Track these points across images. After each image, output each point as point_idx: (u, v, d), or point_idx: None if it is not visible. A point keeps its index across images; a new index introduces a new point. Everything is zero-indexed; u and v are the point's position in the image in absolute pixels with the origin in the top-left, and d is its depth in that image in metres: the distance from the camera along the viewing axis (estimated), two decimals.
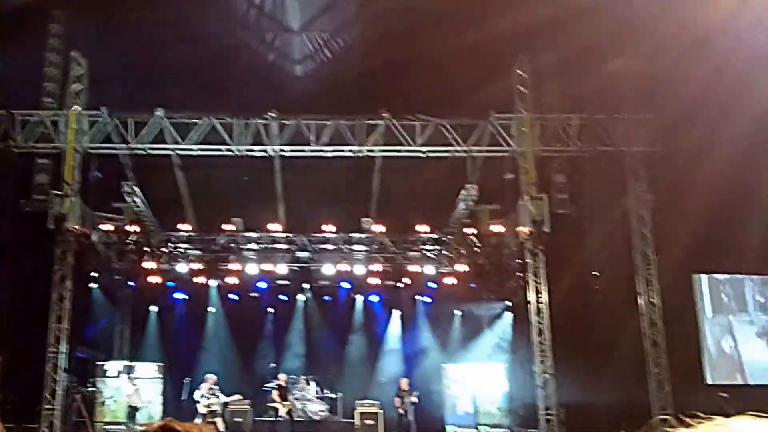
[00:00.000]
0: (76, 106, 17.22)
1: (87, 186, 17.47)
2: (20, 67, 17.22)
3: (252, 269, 22.30)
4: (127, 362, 20.69)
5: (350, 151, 18.18)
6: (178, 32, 17.65)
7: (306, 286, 24.08)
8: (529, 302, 17.83)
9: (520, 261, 18.97)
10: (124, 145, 17.57)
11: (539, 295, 17.63)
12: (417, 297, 24.58)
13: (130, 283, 22.92)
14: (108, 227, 19.74)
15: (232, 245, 22.35)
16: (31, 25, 16.82)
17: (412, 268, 23.01)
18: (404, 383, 20.24)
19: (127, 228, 20.03)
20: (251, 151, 18.21)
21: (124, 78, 17.84)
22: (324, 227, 22.14)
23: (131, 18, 17.01)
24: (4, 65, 16.33)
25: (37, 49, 17.15)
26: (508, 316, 23.19)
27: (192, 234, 21.86)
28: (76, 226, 16.91)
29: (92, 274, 21.10)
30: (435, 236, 22.65)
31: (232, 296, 23.86)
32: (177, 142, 17.84)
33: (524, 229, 17.62)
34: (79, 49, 17.21)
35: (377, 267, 22.82)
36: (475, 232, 21.14)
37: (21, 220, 16.65)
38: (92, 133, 17.47)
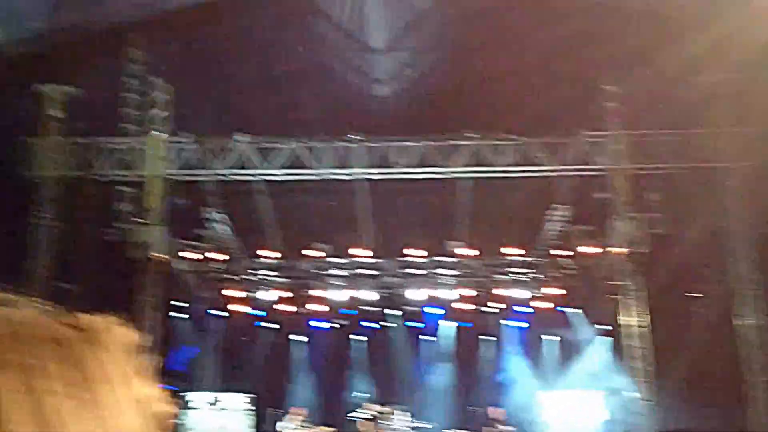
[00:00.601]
0: (158, 133, 17.11)
1: (170, 213, 17.30)
2: (101, 95, 17.21)
3: (338, 296, 21.94)
4: (212, 393, 20.39)
5: (436, 172, 17.73)
6: (260, 56, 17.37)
7: (394, 312, 23.48)
8: (625, 326, 16.87)
9: (616, 283, 17.99)
10: (206, 171, 17.36)
11: (639, 319, 16.69)
12: (507, 322, 23.69)
13: (214, 311, 22.69)
14: (191, 255, 19.59)
15: (318, 271, 21.92)
16: (112, 52, 16.78)
17: (502, 291, 22.27)
18: (495, 412, 19.34)
19: (211, 255, 19.85)
20: (335, 174, 17.87)
21: (207, 103, 17.67)
22: (411, 251, 21.58)
23: (212, 42, 16.80)
24: (85, 93, 16.32)
25: (118, 76, 17.14)
26: (604, 341, 21.93)
27: (277, 261, 21.44)
28: (160, 255, 16.75)
29: (176, 303, 20.86)
30: (525, 259, 21.77)
31: (318, 324, 23.42)
32: (260, 167, 17.56)
33: (620, 250, 16.77)
34: (160, 75, 17.11)
35: (466, 291, 22.07)
36: (567, 253, 20.22)
37: (104, 249, 16.56)
38: (175, 160, 17.31)
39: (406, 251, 21.50)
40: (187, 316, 21.85)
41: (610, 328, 21.12)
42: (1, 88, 14.99)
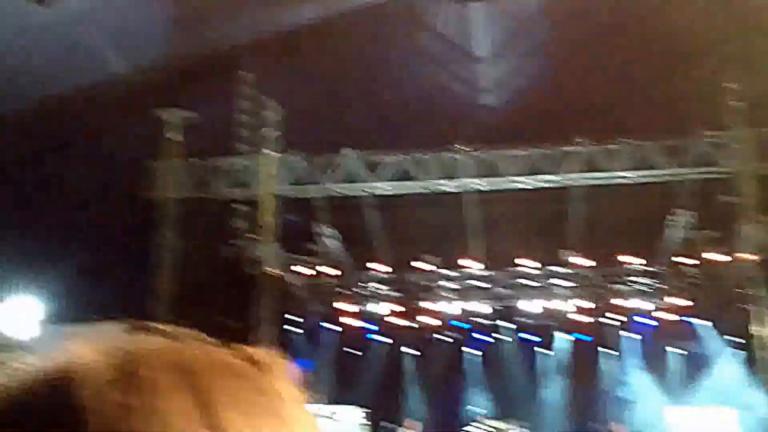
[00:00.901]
0: (269, 151, 17.81)
1: (282, 229, 17.90)
2: (214, 116, 18.13)
3: (450, 308, 21.99)
4: (326, 406, 20.77)
5: (548, 180, 17.66)
6: (365, 70, 17.82)
7: (507, 324, 23.31)
8: (758, 337, 16.09)
9: (747, 292, 17.19)
10: (316, 187, 17.90)
11: None
12: (627, 333, 23.01)
13: (327, 325, 23.25)
14: (304, 270, 20.19)
15: (428, 284, 22.09)
16: (225, 76, 17.66)
17: (621, 302, 21.69)
18: (618, 429, 18.83)
19: (322, 270, 20.39)
20: (444, 186, 18.05)
21: (315, 120, 18.25)
22: (523, 262, 21.46)
23: (319, 61, 17.39)
24: (199, 115, 17.27)
25: (231, 98, 17.98)
26: (736, 354, 20.96)
27: (387, 274, 21.81)
28: (273, 270, 17.36)
29: (290, 317, 21.52)
30: (645, 268, 21.13)
31: (430, 337, 23.55)
32: (368, 181, 18.02)
33: (749, 257, 16.04)
34: (270, 95, 17.85)
35: (582, 302, 21.69)
36: (692, 261, 19.50)
37: (220, 266, 17.34)
38: (286, 177, 17.94)
39: (518, 262, 21.43)
40: (300, 329, 22.48)
41: (742, 340, 20.24)
42: (124, 115, 16.12)
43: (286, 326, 21.37)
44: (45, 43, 12.80)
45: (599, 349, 23.39)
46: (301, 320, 22.33)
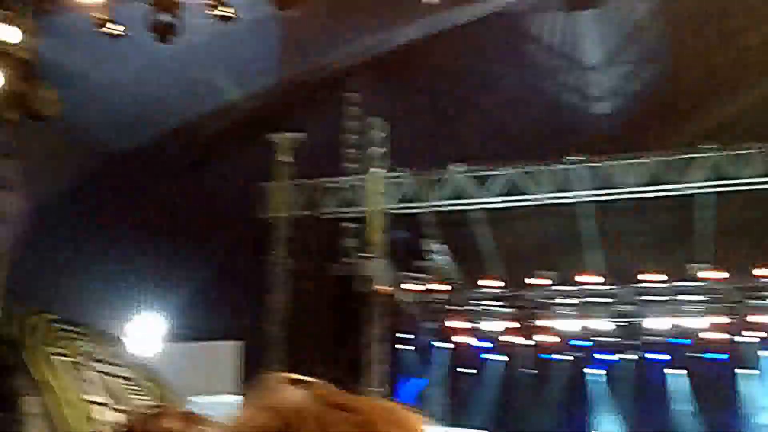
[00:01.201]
0: (376, 169, 19.21)
1: (392, 246, 19.15)
2: (322, 137, 19.78)
3: (569, 326, 22.26)
4: (444, 428, 21.57)
5: (671, 190, 17.99)
6: (471, 85, 18.87)
7: (632, 342, 23.43)
8: None
9: None
10: (425, 204, 19.06)
11: None
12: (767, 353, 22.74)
13: (439, 343, 23.97)
14: (414, 287, 21.17)
15: (545, 300, 22.52)
16: (331, 97, 19.32)
17: (759, 318, 21.45)
18: None
19: (434, 287, 21.32)
20: (557, 198, 18.72)
21: (422, 137, 19.41)
22: (647, 276, 21.48)
23: (424, 76, 18.62)
24: (307, 137, 19.00)
25: (338, 118, 19.58)
26: None
27: (501, 290, 22.42)
28: (384, 288, 18.58)
29: (402, 335, 22.40)
30: None
31: (548, 356, 23.96)
32: (477, 196, 18.93)
33: None
34: (376, 114, 19.26)
35: (716, 319, 21.66)
36: None
37: (331, 285, 18.76)
38: (394, 194, 19.25)
39: (641, 276, 21.45)
40: (411, 347, 23.38)
41: None
42: (239, 140, 18.08)
43: (397, 344, 22.18)
44: (167, 76, 14.81)
45: (736, 369, 23.05)
46: (413, 338, 23.13)
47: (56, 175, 15.64)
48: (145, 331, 18.70)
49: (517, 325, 22.89)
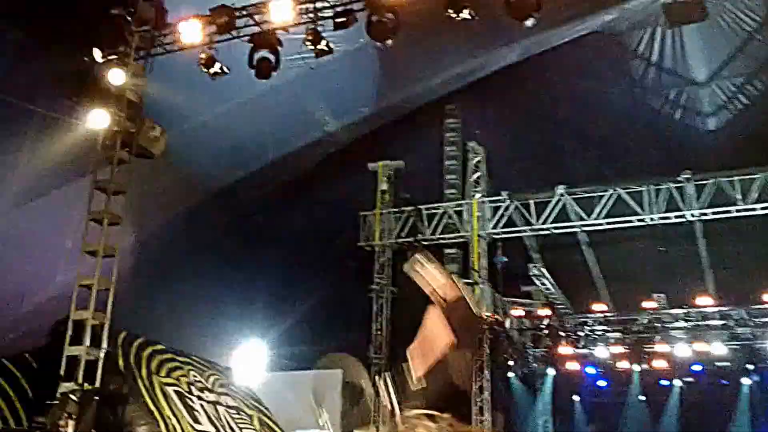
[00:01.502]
0: (477, 194, 19.06)
1: (495, 272, 18.93)
2: (422, 164, 19.80)
3: (682, 350, 21.54)
4: None
5: None
6: (572, 106, 18.55)
7: (750, 367, 22.47)
8: None
9: None
10: (527, 227, 18.76)
11: None
12: None
13: (548, 370, 23.55)
14: (519, 312, 20.87)
15: (656, 324, 21.86)
16: (430, 124, 19.32)
17: None
18: None
19: (539, 312, 20.96)
20: (666, 218, 18.13)
21: (522, 160, 19.19)
22: (764, 296, 20.56)
23: (522, 100, 18.41)
24: (407, 164, 19.05)
25: (437, 145, 19.58)
26: None
27: (608, 314, 21.89)
28: (488, 314, 18.36)
29: (509, 362, 22.14)
30: None
31: (660, 382, 23.24)
32: (582, 218, 18.46)
33: None
34: (475, 139, 19.17)
35: None
36: None
37: None
38: (495, 219, 19.01)
39: (756, 297, 20.63)
40: (519, 374, 23.09)
41: None
42: (339, 170, 18.25)
43: (504, 371, 22.10)
44: (267, 111, 15.06)
45: None
46: (521, 366, 22.88)
47: (163, 210, 16.10)
48: (251, 360, 19.00)
49: (626, 350, 22.23)
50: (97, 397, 11.85)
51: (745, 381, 22.77)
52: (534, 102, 18.50)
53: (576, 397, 24.09)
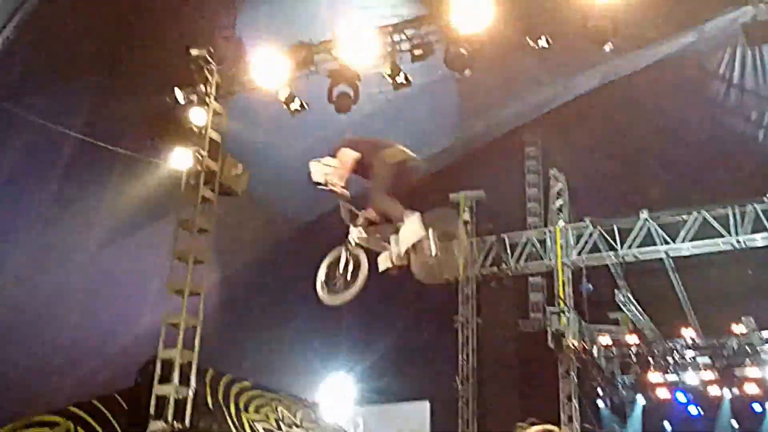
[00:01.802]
0: (560, 222, 17.91)
1: (581, 299, 17.73)
2: (504, 193, 18.72)
3: None
4: None
5: None
6: (652, 129, 17.36)
7: None
8: None
9: None
10: (612, 254, 17.54)
11: None
12: None
13: (637, 397, 22.03)
14: (607, 340, 19.62)
15: (746, 348, 20.22)
16: (508, 151, 18.24)
17: None
18: None
19: (627, 339, 19.66)
20: (752, 240, 16.85)
21: (604, 185, 18.09)
22: None
23: (601, 126, 17.32)
24: (488, 193, 17.97)
25: (517, 174, 18.50)
26: None
27: (697, 340, 20.39)
28: (576, 342, 17.17)
29: (597, 390, 20.80)
30: None
31: (753, 407, 21.47)
32: (667, 243, 17.29)
33: None
34: (556, 166, 18.07)
35: None
36: None
37: (522, 341, 17.56)
38: (579, 246, 17.82)
39: None
40: (608, 402, 21.65)
41: None
42: (420, 202, 17.21)
43: (592, 399, 20.85)
44: None
45: None
46: (608, 393, 21.56)
47: (247, 247, 15.44)
48: (337, 395, 18.23)
49: (716, 375, 20.61)
50: None
51: None
52: (614, 127, 17.39)
53: (667, 425, 22.46)
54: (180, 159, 12.46)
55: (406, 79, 12.03)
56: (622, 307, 18.91)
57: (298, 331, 17.32)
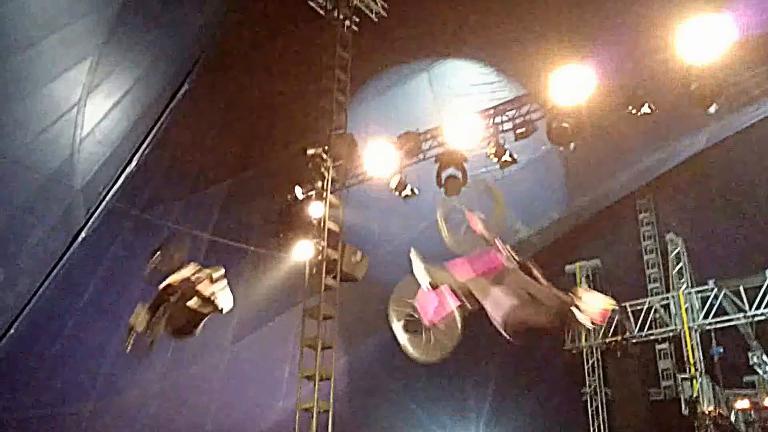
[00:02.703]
0: (682, 286, 17.23)
1: (712, 364, 16.78)
2: (621, 261, 18.22)
3: None
4: None
5: None
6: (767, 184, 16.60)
7: None
8: None
9: None
10: (741, 315, 16.62)
11: None
12: None
13: None
14: (744, 403, 18.36)
15: None
16: (621, 219, 17.82)
17: None
18: None
19: (765, 402, 18.32)
20: None
21: (723, 246, 17.28)
22: None
23: (714, 185, 16.75)
24: (604, 262, 17.56)
25: (633, 240, 18.03)
26: None
27: None
28: (711, 408, 16.20)
29: None
30: None
31: None
32: None
33: None
34: (672, 230, 17.50)
35: None
36: None
37: (654, 410, 16.71)
38: (705, 309, 16.99)
39: None
40: None
41: None
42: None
43: None
44: (460, 224, 14.32)
45: None
46: None
47: (371, 331, 15.58)
48: None
49: None
50: None
51: None
52: (727, 185, 16.75)
53: None
54: (302, 251, 12.96)
55: (512, 157, 12.07)
56: (757, 369, 17.73)
57: (426, 410, 17.15)
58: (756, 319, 16.65)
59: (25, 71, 10.32)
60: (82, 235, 11.44)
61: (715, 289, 16.87)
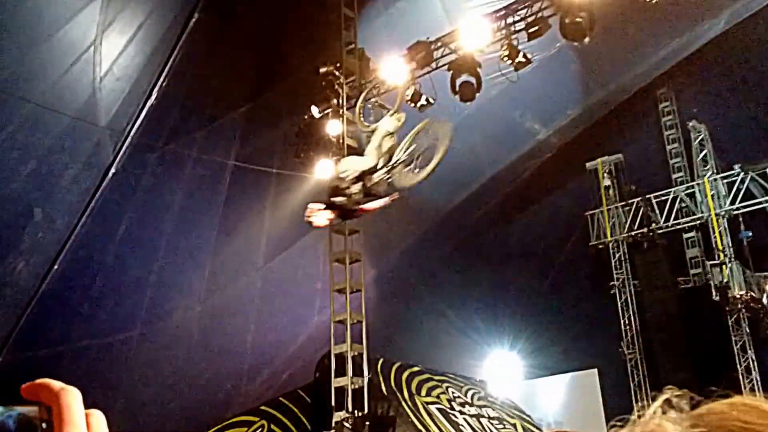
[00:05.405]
0: (707, 173, 17.79)
1: (741, 248, 17.48)
2: (644, 153, 18.79)
3: None
4: None
5: None
6: None
7: None
8: None
9: None
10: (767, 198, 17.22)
11: None
12: None
13: None
14: None
15: None
16: (641, 111, 18.28)
17: None
18: None
19: None
20: None
21: (747, 129, 17.74)
22: None
23: (735, 69, 17.07)
24: (626, 155, 18.14)
25: (655, 131, 18.53)
26: None
27: None
28: (742, 292, 16.97)
29: None
30: None
31: None
32: None
33: None
34: (694, 118, 17.93)
35: None
36: None
37: (684, 298, 17.52)
38: (732, 194, 17.62)
39: None
40: None
41: None
42: (559, 174, 17.78)
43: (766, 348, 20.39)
44: (476, 131, 15.02)
45: None
46: None
47: (397, 241, 16.52)
48: (503, 371, 18.90)
49: None
50: (368, 422, 12.31)
51: None
52: (748, 69, 17.06)
53: None
54: (324, 169, 13.76)
55: (525, 57, 12.56)
56: None
57: (456, 313, 18.26)
58: None
59: (38, 16, 11.13)
60: (112, 170, 12.44)
61: (741, 174, 17.44)
